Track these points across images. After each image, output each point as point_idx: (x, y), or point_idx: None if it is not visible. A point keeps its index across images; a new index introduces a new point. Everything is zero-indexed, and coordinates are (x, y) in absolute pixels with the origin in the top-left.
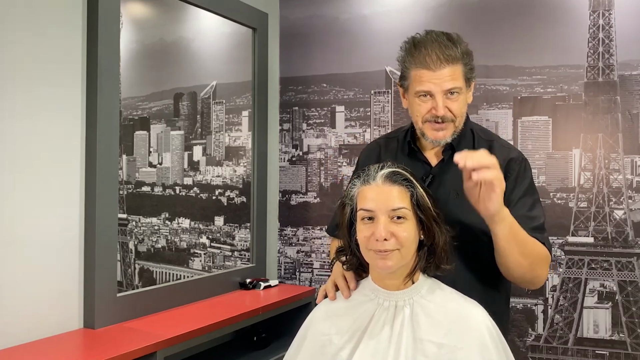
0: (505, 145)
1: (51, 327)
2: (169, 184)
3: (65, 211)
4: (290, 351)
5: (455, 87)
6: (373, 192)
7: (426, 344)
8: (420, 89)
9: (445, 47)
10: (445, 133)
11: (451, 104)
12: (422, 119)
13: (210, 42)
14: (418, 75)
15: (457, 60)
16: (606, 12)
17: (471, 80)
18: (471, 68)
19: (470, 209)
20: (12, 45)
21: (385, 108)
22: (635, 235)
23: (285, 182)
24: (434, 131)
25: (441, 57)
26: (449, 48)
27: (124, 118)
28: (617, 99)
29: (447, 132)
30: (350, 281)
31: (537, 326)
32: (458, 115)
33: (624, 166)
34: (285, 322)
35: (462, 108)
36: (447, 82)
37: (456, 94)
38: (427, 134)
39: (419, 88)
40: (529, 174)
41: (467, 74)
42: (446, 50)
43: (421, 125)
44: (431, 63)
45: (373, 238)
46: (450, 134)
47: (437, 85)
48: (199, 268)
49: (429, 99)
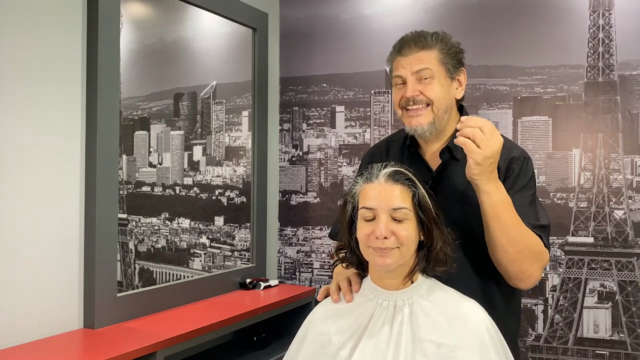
0: (508, 145)
1: (51, 327)
2: (169, 184)
3: (65, 211)
4: (290, 351)
5: (424, 69)
6: (375, 190)
7: (425, 343)
8: (395, 73)
9: (420, 36)
10: (420, 120)
11: (424, 87)
12: (399, 107)
13: (210, 42)
14: (395, 64)
15: (431, 46)
16: (606, 12)
17: (456, 72)
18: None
19: (470, 214)
20: (12, 46)
21: (385, 108)
22: (635, 235)
23: (285, 182)
24: (409, 118)
25: (413, 45)
26: (423, 37)
27: (124, 118)
28: (617, 99)
29: (424, 118)
30: (354, 284)
31: (537, 326)
32: (433, 99)
33: (624, 166)
34: (285, 322)
35: (438, 92)
36: (416, 64)
37: (429, 78)
38: (404, 123)
39: (394, 74)
40: (531, 172)
41: (445, 61)
42: (419, 39)
43: (400, 115)
44: (404, 49)
45: (373, 236)
46: (427, 121)
47: (407, 69)
48: (199, 268)
49: (403, 86)
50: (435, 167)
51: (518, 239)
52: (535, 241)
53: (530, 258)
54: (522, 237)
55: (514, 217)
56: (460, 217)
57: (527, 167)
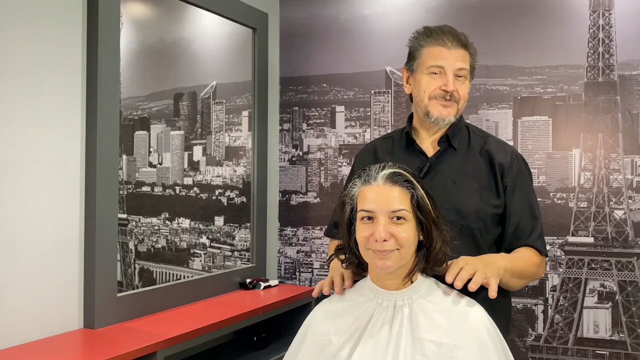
0: (500, 141)
1: (51, 327)
2: (169, 184)
3: (66, 211)
4: (289, 351)
5: (464, 68)
6: (373, 192)
7: (425, 343)
8: (435, 63)
9: (459, 34)
10: (449, 111)
11: (459, 85)
12: (429, 96)
13: (210, 42)
14: (432, 52)
15: (467, 47)
16: (606, 12)
17: (472, 74)
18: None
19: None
20: (12, 46)
21: (385, 108)
22: (635, 235)
23: (285, 182)
24: (441, 107)
25: (456, 39)
26: (462, 35)
27: (124, 118)
28: (617, 99)
29: (452, 111)
30: (346, 279)
31: (537, 326)
32: (462, 98)
33: (624, 166)
34: (285, 322)
35: (466, 92)
36: (459, 61)
37: (463, 77)
38: (432, 112)
39: (433, 63)
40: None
41: (473, 65)
42: (460, 36)
43: (427, 102)
44: (448, 41)
45: (372, 238)
46: (453, 114)
47: (451, 63)
48: (199, 268)
49: (439, 76)
50: (431, 153)
51: (527, 273)
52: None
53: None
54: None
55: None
56: (457, 197)
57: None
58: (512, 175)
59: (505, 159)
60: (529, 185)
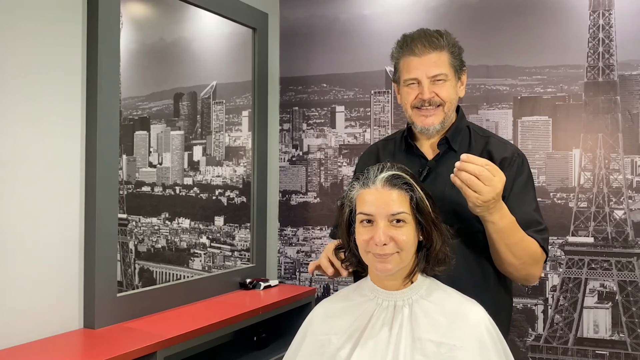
0: (502, 141)
1: (51, 327)
2: (169, 184)
3: (66, 211)
4: (289, 351)
5: (440, 73)
6: (372, 195)
7: (425, 343)
8: (408, 76)
9: (431, 37)
10: (433, 119)
11: (438, 89)
12: (410, 106)
13: (210, 42)
14: (406, 63)
15: (442, 47)
16: (606, 12)
17: (460, 72)
18: (460, 60)
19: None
20: (12, 46)
21: (385, 108)
22: (635, 235)
23: (285, 182)
24: (422, 117)
25: (426, 44)
26: (434, 37)
27: (124, 118)
28: (617, 99)
29: (436, 117)
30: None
31: (537, 326)
32: (446, 100)
33: (624, 166)
34: (285, 322)
35: (450, 94)
36: (432, 67)
37: (442, 80)
38: (416, 122)
39: (406, 76)
40: (527, 169)
41: (454, 63)
42: (431, 39)
43: (410, 113)
44: (417, 50)
45: (372, 242)
46: (439, 120)
47: (423, 71)
48: (199, 268)
49: (416, 85)
50: (430, 156)
51: (523, 253)
52: (538, 249)
53: (534, 265)
54: (526, 250)
55: (519, 235)
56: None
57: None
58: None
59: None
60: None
